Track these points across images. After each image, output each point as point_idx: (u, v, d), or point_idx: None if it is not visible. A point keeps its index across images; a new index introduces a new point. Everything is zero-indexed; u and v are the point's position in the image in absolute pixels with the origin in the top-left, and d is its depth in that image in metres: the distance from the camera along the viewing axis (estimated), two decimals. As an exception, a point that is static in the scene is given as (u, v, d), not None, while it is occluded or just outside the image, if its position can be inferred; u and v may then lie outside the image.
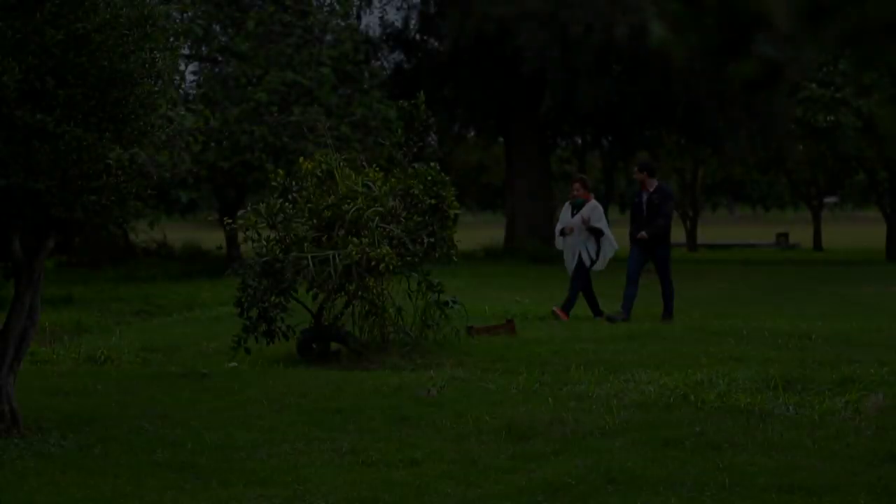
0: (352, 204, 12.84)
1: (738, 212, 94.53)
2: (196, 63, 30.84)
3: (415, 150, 13.79)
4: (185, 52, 28.83)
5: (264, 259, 12.51)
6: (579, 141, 44.63)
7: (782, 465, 7.84)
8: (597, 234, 17.29)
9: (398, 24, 39.07)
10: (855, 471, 7.63)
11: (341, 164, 13.50)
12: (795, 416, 9.39)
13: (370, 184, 13.19)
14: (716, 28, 2.40)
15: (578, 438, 8.73)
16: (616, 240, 17.44)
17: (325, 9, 29.78)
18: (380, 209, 12.84)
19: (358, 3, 31.81)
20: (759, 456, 8.11)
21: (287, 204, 12.93)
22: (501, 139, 42.37)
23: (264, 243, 12.66)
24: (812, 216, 51.44)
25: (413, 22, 38.83)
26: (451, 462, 8.13)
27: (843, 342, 13.84)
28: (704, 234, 56.10)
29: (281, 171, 13.52)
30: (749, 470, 7.69)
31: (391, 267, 12.45)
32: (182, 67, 27.53)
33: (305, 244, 12.60)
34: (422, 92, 14.02)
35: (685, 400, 10.14)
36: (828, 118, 33.62)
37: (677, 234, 55.77)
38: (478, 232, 47.56)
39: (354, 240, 12.43)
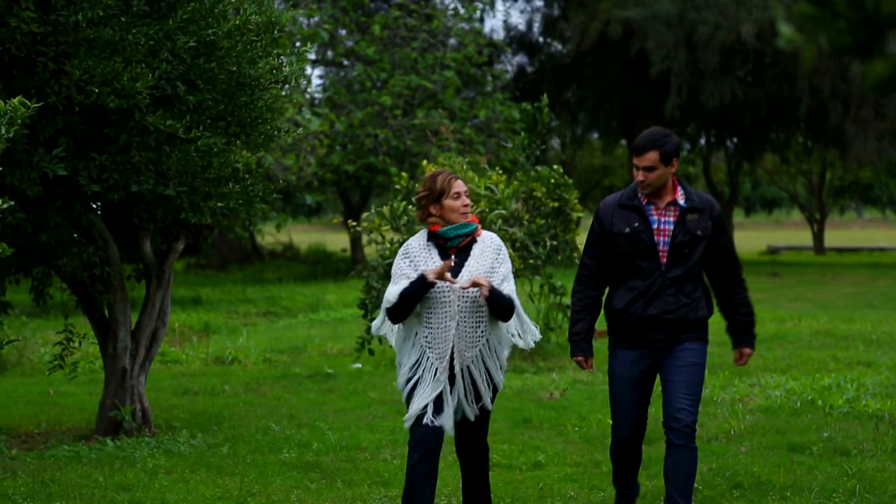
0: (475, 207, 12.88)
1: (867, 215, 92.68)
2: (322, 67, 31.19)
3: (537, 152, 13.78)
4: (312, 56, 29.18)
5: (388, 261, 12.61)
6: (703, 143, 44.19)
7: (912, 472, 7.70)
8: None
9: (521, 26, 39.07)
10: None
11: (464, 166, 13.54)
12: (926, 423, 9.20)
13: (493, 187, 13.22)
14: (847, 28, 2.37)
15: (703, 443, 8.65)
16: None
17: (449, 12, 29.89)
18: (503, 212, 12.86)
19: (481, 6, 31.83)
20: (889, 462, 7.96)
21: (410, 206, 13.00)
22: (624, 141, 42.13)
23: (388, 246, 12.75)
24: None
25: (536, 25, 38.79)
26: (574, 465, 8.12)
27: (976, 347, 13.55)
28: (832, 238, 55.12)
29: (405, 174, 13.60)
30: (878, 477, 7.55)
31: (514, 269, 12.46)
32: (308, 72, 27.85)
33: (429, 247, 12.66)
34: (545, 95, 13.99)
35: (812, 405, 9.99)
36: None
37: (804, 238, 54.91)
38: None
39: (477, 242, 12.45)
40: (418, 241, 6.37)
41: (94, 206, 8.96)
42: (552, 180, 13.18)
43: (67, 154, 8.00)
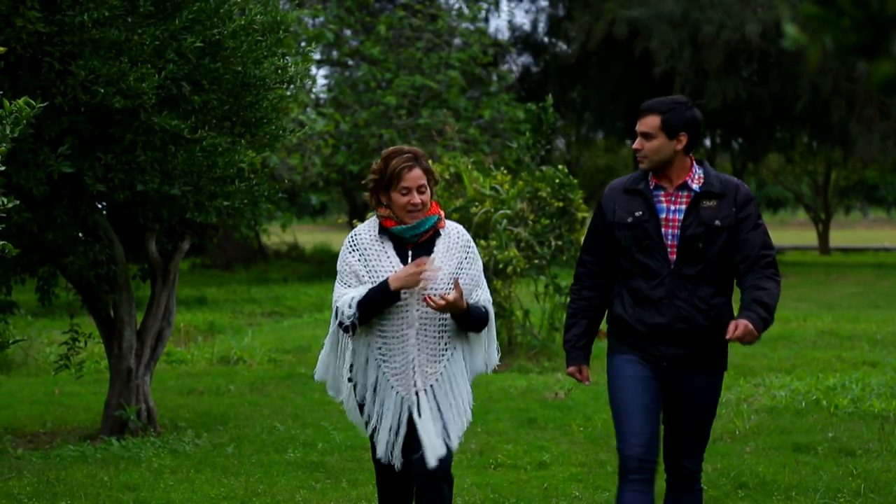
0: (480, 207, 12.88)
1: (872, 215, 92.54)
2: (327, 67, 31.20)
3: (542, 152, 13.77)
4: (317, 56, 29.19)
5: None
6: (708, 143, 44.19)
7: (918, 472, 7.70)
8: None
9: (526, 27, 39.06)
10: None
11: (469, 166, 13.54)
12: (931, 423, 9.20)
13: (498, 187, 13.22)
14: (852, 27, 2.36)
15: (708, 444, 8.64)
16: None
17: (453, 12, 29.89)
18: (507, 212, 12.86)
19: (486, 6, 31.82)
20: (895, 463, 7.95)
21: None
22: (629, 141, 42.14)
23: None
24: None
25: (541, 25, 38.79)
26: (579, 465, 8.12)
27: (981, 347, 13.52)
28: (837, 238, 55.08)
29: (410, 175, 13.58)
30: (883, 477, 7.55)
31: (519, 269, 12.47)
32: (313, 72, 27.85)
33: (434, 247, 12.66)
34: (550, 95, 13.99)
35: (817, 405, 9.99)
36: None
37: (809, 238, 54.85)
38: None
39: (482, 242, 12.47)
40: (368, 231, 5.32)
41: (100, 205, 8.98)
42: (557, 180, 13.18)
43: (73, 153, 8.01)
